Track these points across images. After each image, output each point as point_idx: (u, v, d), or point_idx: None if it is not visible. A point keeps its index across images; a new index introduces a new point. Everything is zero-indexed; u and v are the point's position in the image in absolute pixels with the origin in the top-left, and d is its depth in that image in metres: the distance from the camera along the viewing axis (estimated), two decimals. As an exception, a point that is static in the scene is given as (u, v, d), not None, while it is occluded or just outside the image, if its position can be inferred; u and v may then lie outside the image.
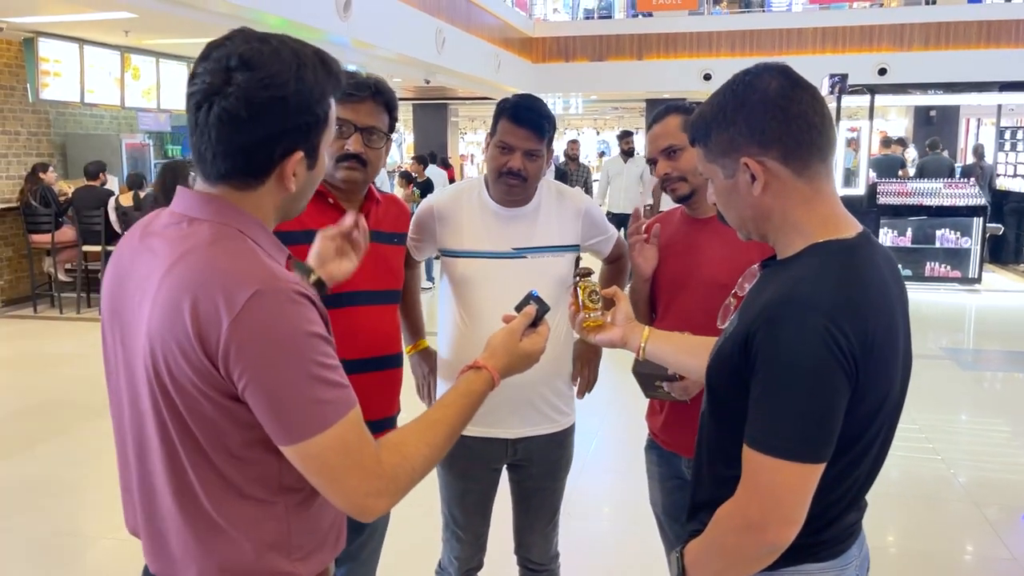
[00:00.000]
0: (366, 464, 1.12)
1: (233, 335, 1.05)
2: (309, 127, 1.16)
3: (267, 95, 1.10)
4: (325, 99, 1.18)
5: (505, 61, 14.48)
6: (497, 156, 2.09)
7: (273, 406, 1.08)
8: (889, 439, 1.29)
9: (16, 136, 8.83)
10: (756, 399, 1.16)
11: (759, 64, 1.30)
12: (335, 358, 1.13)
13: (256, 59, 1.11)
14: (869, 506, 1.36)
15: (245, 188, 1.17)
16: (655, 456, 2.20)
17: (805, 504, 1.16)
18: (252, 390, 1.07)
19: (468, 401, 1.31)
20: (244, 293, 1.06)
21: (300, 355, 1.08)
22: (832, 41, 14.99)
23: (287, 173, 1.16)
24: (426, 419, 1.26)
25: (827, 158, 1.27)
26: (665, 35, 15.53)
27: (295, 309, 1.08)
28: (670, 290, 2.09)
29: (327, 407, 1.09)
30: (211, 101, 1.11)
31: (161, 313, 1.09)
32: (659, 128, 2.07)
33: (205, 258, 1.10)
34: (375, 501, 1.14)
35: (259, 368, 1.06)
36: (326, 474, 1.11)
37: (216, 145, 1.13)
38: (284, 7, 7.59)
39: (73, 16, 7.30)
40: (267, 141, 1.13)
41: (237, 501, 1.15)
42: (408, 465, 1.17)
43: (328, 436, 1.09)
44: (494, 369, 1.36)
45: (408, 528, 2.63)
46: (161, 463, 1.15)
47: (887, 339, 1.19)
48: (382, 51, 10.02)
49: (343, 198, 1.94)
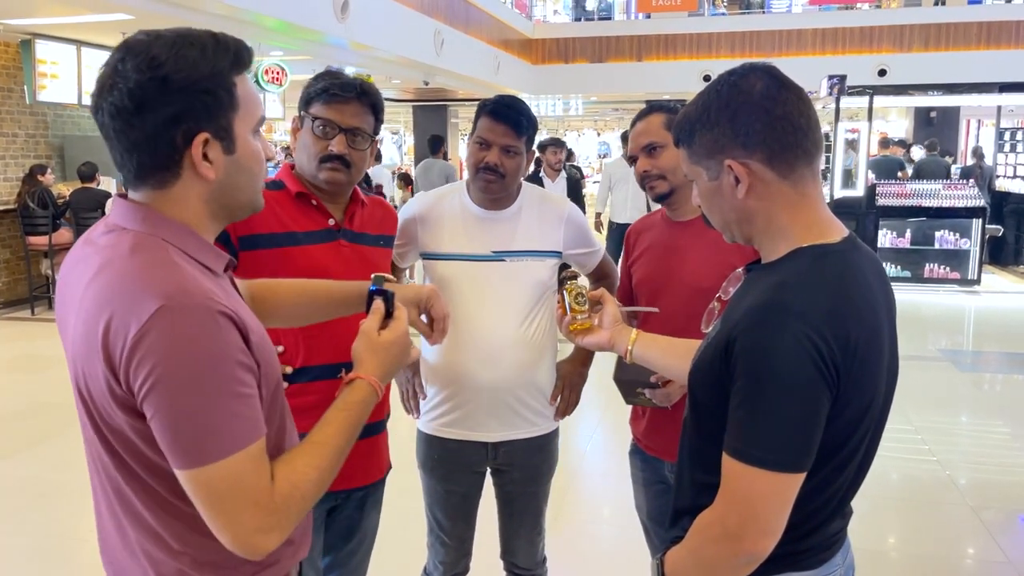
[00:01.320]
0: (260, 500, 1.06)
1: (134, 351, 1.00)
2: (207, 107, 1.09)
3: (144, 78, 1.05)
4: (221, 76, 1.10)
5: (504, 63, 14.47)
6: (475, 152, 2.09)
7: (168, 426, 1.02)
8: (874, 446, 1.27)
9: (14, 138, 8.82)
10: (735, 407, 1.15)
11: (745, 64, 1.28)
12: (247, 384, 1.07)
13: (136, 47, 1.07)
14: (865, 509, 1.35)
15: (164, 186, 1.11)
16: (639, 461, 2.19)
17: (784, 514, 1.14)
18: (148, 407, 1.02)
19: (348, 414, 1.21)
20: (149, 308, 1.00)
21: (200, 377, 1.02)
22: (832, 42, 14.97)
23: (196, 159, 1.10)
24: (310, 442, 1.17)
25: (813, 161, 1.25)
26: (665, 36, 15.52)
27: (204, 328, 1.02)
28: (651, 294, 2.07)
29: (228, 436, 1.03)
30: (100, 102, 1.07)
31: (82, 328, 1.06)
32: (642, 125, 2.06)
33: (118, 271, 1.06)
34: (264, 538, 1.07)
35: (156, 387, 1.01)
36: (215, 506, 1.04)
37: (118, 145, 1.09)
38: (281, 8, 7.58)
39: (70, 18, 7.30)
40: (161, 127, 1.07)
41: (171, 515, 1.12)
42: (298, 494, 1.11)
43: (221, 466, 1.03)
44: (367, 375, 1.26)
45: (396, 533, 2.62)
46: (99, 480, 1.13)
47: (871, 346, 1.18)
48: (380, 52, 10.01)
49: (327, 200, 1.92)
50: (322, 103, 1.86)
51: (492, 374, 2.11)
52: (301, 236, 1.86)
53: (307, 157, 1.88)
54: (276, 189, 1.88)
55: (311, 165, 1.88)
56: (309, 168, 1.89)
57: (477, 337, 2.10)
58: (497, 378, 2.11)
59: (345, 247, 1.91)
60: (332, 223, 1.91)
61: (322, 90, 1.86)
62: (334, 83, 1.86)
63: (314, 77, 1.91)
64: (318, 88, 1.87)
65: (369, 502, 2.06)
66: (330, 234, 1.90)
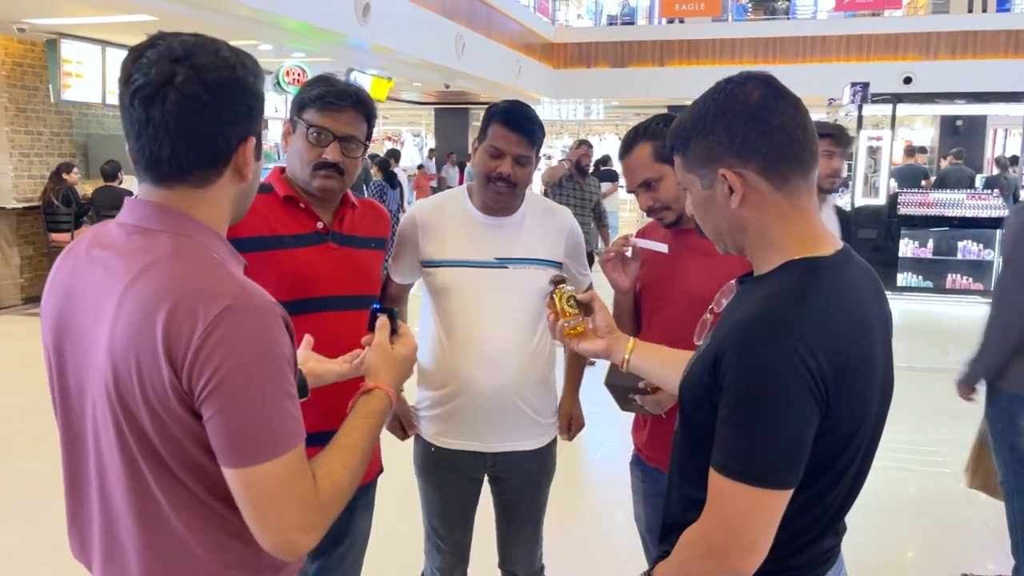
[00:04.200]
0: (307, 498, 1.09)
1: (201, 348, 1.02)
2: (256, 113, 1.16)
3: (224, 76, 1.10)
4: (261, 85, 1.19)
5: (526, 66, 14.49)
6: (487, 160, 2.06)
7: (228, 424, 1.05)
8: (867, 463, 1.25)
9: (39, 136, 8.94)
10: (722, 421, 1.13)
11: (743, 73, 1.26)
12: (294, 385, 1.11)
13: (197, 48, 1.11)
14: (881, 522, 1.32)
15: (204, 184, 1.14)
16: (639, 471, 2.17)
17: (770, 531, 1.12)
18: (209, 405, 1.04)
19: (371, 422, 1.28)
20: (215, 307, 1.03)
21: (266, 376, 1.05)
22: (857, 49, 14.87)
23: (244, 160, 1.16)
24: (340, 446, 1.21)
25: (809, 173, 1.23)
26: (688, 41, 15.49)
27: (267, 328, 1.06)
28: (652, 303, 2.05)
29: (282, 435, 1.07)
30: (164, 92, 1.07)
31: (126, 327, 1.06)
32: (630, 162, 2.01)
33: (168, 271, 1.07)
34: (306, 537, 1.10)
35: (221, 383, 1.03)
36: (265, 503, 1.07)
37: (177, 138, 1.09)
38: (303, 11, 7.64)
39: (95, 18, 7.40)
40: (227, 125, 1.12)
41: (204, 518, 1.13)
42: (339, 495, 1.15)
43: (277, 464, 1.06)
44: (385, 386, 1.34)
45: (390, 538, 2.62)
46: (123, 485, 1.12)
47: (863, 361, 1.16)
48: (401, 55, 10.05)
49: (316, 204, 1.92)
50: (317, 110, 1.84)
51: (493, 381, 2.09)
52: (289, 239, 1.85)
53: (300, 163, 1.87)
54: (265, 192, 1.87)
55: (304, 171, 1.87)
56: (302, 174, 1.88)
57: (478, 344, 2.09)
58: (498, 385, 2.10)
59: (334, 250, 1.91)
60: (320, 226, 1.91)
61: (317, 97, 1.84)
62: (329, 91, 1.84)
63: (308, 83, 1.89)
64: (313, 95, 1.85)
65: (359, 505, 2.04)
66: (319, 237, 1.90)
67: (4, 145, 8.54)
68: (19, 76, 8.64)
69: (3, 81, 8.48)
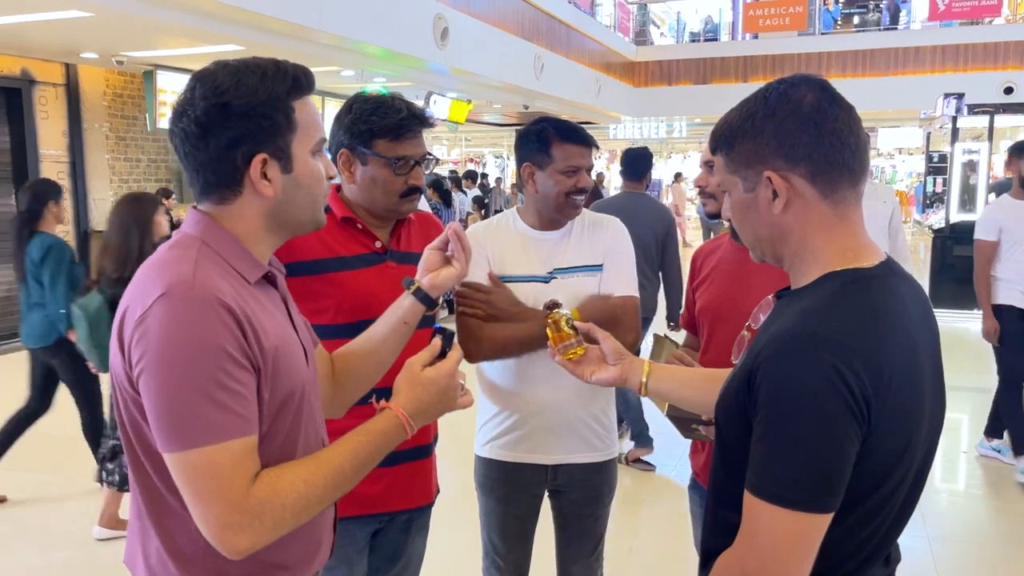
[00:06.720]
0: (231, 496, 1.08)
1: (135, 332, 1.08)
2: (264, 130, 1.17)
3: (208, 105, 1.15)
4: (278, 100, 1.18)
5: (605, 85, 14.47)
6: (563, 180, 2.08)
7: (151, 407, 1.08)
8: (918, 488, 1.17)
9: (137, 163, 9.40)
10: (756, 439, 1.07)
11: (797, 75, 1.20)
12: (238, 380, 1.10)
13: (205, 77, 1.17)
14: (939, 549, 1.22)
15: (225, 201, 1.21)
16: (697, 496, 2.11)
17: (808, 558, 1.05)
18: (142, 387, 1.09)
19: (365, 440, 1.22)
20: (153, 294, 1.09)
21: (189, 363, 1.07)
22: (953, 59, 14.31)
23: (256, 178, 1.18)
24: (313, 457, 1.20)
25: (857, 184, 1.16)
26: (772, 56, 15.18)
27: (199, 316, 1.08)
28: (711, 322, 2.00)
29: (205, 425, 1.07)
30: (174, 127, 1.18)
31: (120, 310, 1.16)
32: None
33: (147, 265, 1.17)
34: (233, 536, 1.08)
35: (147, 368, 1.07)
36: (191, 492, 1.09)
37: (188, 164, 1.20)
38: (384, 38, 7.82)
39: (188, 50, 7.74)
40: (224, 149, 1.16)
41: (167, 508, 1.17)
42: (278, 501, 1.11)
43: (199, 453, 1.07)
44: (396, 407, 1.27)
45: (447, 558, 2.60)
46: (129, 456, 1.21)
47: (908, 379, 1.08)
48: (480, 78, 10.17)
49: (373, 224, 1.92)
50: (391, 140, 1.83)
51: (554, 395, 2.09)
52: (351, 260, 1.86)
53: (384, 193, 1.86)
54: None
55: (390, 200, 1.87)
56: (386, 203, 1.87)
57: (539, 357, 2.07)
58: (559, 399, 2.09)
59: (392, 268, 1.90)
60: (379, 245, 1.91)
61: (392, 127, 1.82)
62: (402, 119, 1.83)
63: (368, 111, 1.84)
64: (385, 124, 1.82)
65: (415, 526, 2.03)
66: (377, 257, 1.90)
67: (105, 172, 9.01)
68: (119, 106, 9.12)
69: (104, 111, 8.96)
